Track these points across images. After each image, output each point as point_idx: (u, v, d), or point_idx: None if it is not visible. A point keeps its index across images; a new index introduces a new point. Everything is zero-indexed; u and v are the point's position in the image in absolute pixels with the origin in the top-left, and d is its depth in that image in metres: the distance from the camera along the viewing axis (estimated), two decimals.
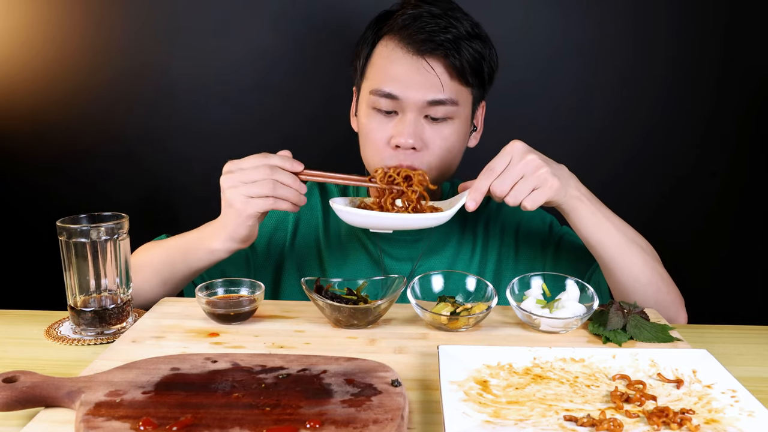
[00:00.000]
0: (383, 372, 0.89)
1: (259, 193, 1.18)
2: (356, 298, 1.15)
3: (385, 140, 1.33)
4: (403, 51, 1.31)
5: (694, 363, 0.95)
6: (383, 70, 1.33)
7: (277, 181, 1.18)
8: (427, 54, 1.30)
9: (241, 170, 1.19)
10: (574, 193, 1.21)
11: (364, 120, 1.37)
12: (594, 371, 0.95)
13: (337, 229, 1.49)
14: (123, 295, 1.15)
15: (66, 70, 1.90)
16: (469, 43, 1.31)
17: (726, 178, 1.96)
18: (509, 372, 0.93)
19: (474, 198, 1.18)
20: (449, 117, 1.33)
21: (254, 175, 1.18)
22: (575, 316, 1.10)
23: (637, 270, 1.25)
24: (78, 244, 1.09)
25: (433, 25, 1.29)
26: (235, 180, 1.19)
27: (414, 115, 1.31)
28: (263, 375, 0.88)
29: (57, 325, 1.17)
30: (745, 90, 1.89)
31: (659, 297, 1.27)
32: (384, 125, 1.33)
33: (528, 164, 1.16)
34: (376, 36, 1.37)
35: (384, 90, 1.31)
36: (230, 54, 1.89)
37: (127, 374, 0.88)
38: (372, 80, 1.35)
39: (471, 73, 1.33)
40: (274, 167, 1.19)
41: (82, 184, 1.96)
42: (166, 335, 1.08)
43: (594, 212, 1.23)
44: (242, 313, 1.12)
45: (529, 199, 1.16)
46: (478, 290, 1.18)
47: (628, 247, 1.25)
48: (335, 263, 1.46)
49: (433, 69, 1.30)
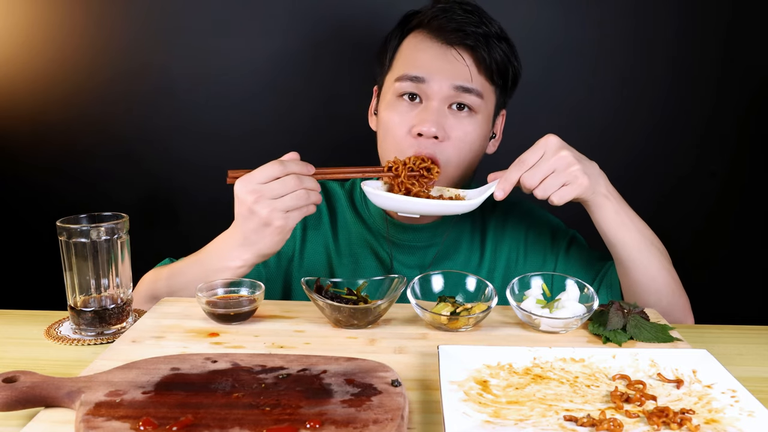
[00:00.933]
0: (383, 372, 0.89)
1: (296, 204, 1.15)
2: (356, 298, 1.15)
3: (407, 130, 1.32)
4: (432, 41, 1.31)
5: (694, 363, 0.95)
6: (411, 57, 1.33)
7: (306, 188, 1.17)
8: (456, 44, 1.30)
9: (267, 187, 1.14)
10: (602, 191, 1.22)
11: (385, 112, 1.36)
12: (594, 371, 0.95)
13: (347, 234, 1.47)
14: (123, 295, 1.15)
15: (66, 70, 1.90)
16: (498, 43, 1.32)
17: (726, 178, 1.96)
18: (509, 372, 0.93)
19: (503, 188, 1.19)
20: (473, 110, 1.33)
21: (284, 189, 1.15)
22: (575, 316, 1.10)
23: (653, 270, 1.25)
24: (78, 244, 1.10)
25: (464, 18, 1.30)
26: (265, 198, 1.14)
27: (438, 104, 1.31)
28: (263, 375, 0.88)
29: (57, 325, 1.17)
30: (745, 90, 1.90)
31: (672, 299, 1.28)
32: (406, 114, 1.33)
33: (560, 160, 1.17)
34: (404, 31, 1.36)
35: (410, 74, 1.31)
36: (230, 54, 1.89)
37: (127, 374, 0.88)
38: (399, 68, 1.35)
39: (497, 72, 1.33)
40: (298, 176, 1.16)
41: (82, 184, 1.96)
42: (166, 335, 1.08)
43: (618, 211, 1.24)
44: (242, 313, 1.12)
45: (557, 194, 1.17)
46: (478, 290, 1.18)
47: (647, 247, 1.26)
48: (345, 270, 1.45)
49: (463, 59, 1.30)
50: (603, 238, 1.27)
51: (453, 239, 1.47)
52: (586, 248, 1.46)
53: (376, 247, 1.46)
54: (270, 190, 1.14)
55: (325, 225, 1.47)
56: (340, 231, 1.48)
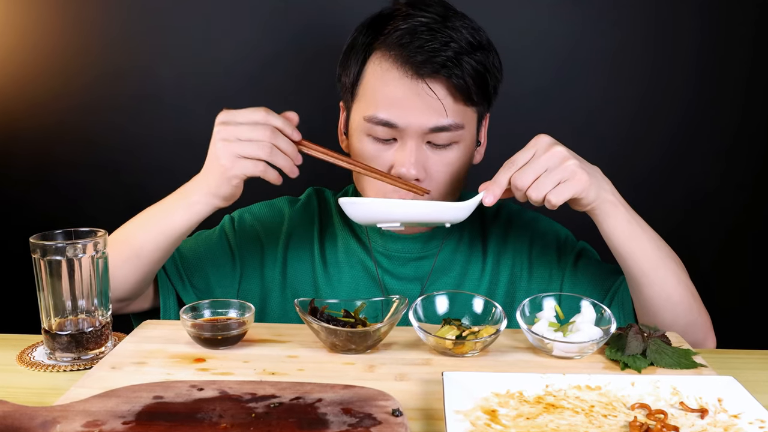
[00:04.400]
0: (383, 401, 0.89)
1: (252, 154, 1.17)
2: (354, 321, 1.15)
3: (385, 170, 1.32)
4: (399, 72, 1.27)
5: (719, 391, 0.95)
6: (378, 93, 1.30)
7: (275, 146, 1.18)
8: (427, 76, 1.26)
9: (238, 124, 1.18)
10: (609, 198, 1.20)
11: (357, 146, 1.35)
12: (611, 400, 0.95)
13: (334, 245, 1.48)
14: (101, 317, 1.15)
15: (40, 74, 1.91)
16: (470, 56, 1.28)
17: (755, 188, 1.96)
18: (519, 401, 0.94)
19: (492, 192, 1.17)
20: (454, 142, 1.32)
21: (252, 133, 1.17)
22: (591, 340, 1.10)
23: (669, 287, 1.24)
24: (53, 262, 1.10)
25: (432, 42, 1.25)
26: (230, 133, 1.18)
27: (415, 143, 1.29)
28: (253, 404, 0.89)
29: (30, 350, 1.17)
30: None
31: (690, 317, 1.26)
32: (382, 153, 1.32)
33: (553, 156, 1.15)
34: (367, 51, 1.32)
35: (381, 118, 1.28)
36: (219, 56, 1.90)
37: (106, 403, 0.88)
38: (366, 104, 1.32)
39: (475, 90, 1.30)
40: (275, 130, 1.18)
41: (58, 197, 1.97)
42: (148, 361, 1.08)
43: (629, 220, 1.22)
44: (231, 336, 1.13)
45: (553, 193, 1.14)
46: (486, 312, 1.19)
47: (663, 261, 1.24)
48: (331, 282, 1.45)
49: (434, 93, 1.26)
50: (613, 252, 1.26)
51: (449, 251, 1.46)
52: (598, 261, 1.45)
53: (364, 258, 1.46)
54: (238, 129, 1.18)
55: (311, 232, 1.49)
56: (327, 241, 1.48)
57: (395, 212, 1.21)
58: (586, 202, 1.19)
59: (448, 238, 1.46)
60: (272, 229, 1.49)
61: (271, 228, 1.49)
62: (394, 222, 1.22)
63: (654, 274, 1.24)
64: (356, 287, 1.44)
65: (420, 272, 1.45)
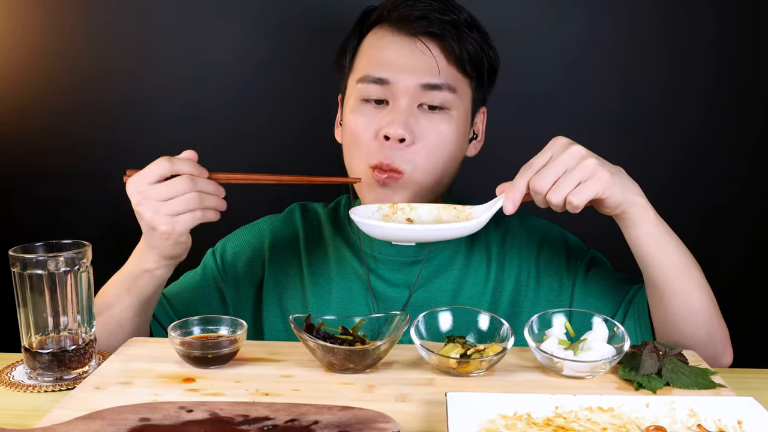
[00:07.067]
0: (383, 423, 0.90)
1: (184, 208, 1.19)
2: (352, 338, 1.15)
3: (373, 134, 1.35)
4: (394, 34, 1.35)
5: (739, 412, 0.96)
6: (373, 55, 1.37)
7: (201, 191, 1.20)
8: (421, 34, 1.34)
9: (152, 186, 1.19)
10: (638, 200, 1.19)
11: (350, 116, 1.39)
12: (625, 422, 0.95)
13: (324, 254, 1.49)
14: (85, 334, 1.15)
15: (18, 78, 1.91)
16: (469, 32, 1.35)
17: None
18: (527, 423, 0.94)
19: (512, 198, 1.16)
20: (446, 107, 1.35)
21: (172, 190, 1.19)
22: (603, 359, 1.10)
23: (694, 298, 1.24)
24: (33, 276, 1.10)
25: (428, 5, 1.34)
26: (151, 198, 1.19)
27: (407, 103, 1.34)
28: (245, 426, 0.89)
29: (9, 369, 1.18)
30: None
31: (711, 330, 1.26)
32: (372, 118, 1.36)
33: (571, 156, 1.14)
34: (364, 28, 1.40)
35: (373, 75, 1.34)
36: (208, 59, 1.91)
37: (90, 425, 0.89)
38: (360, 69, 1.38)
39: (468, 60, 1.36)
40: (194, 178, 1.20)
41: (39, 208, 1.97)
42: (134, 381, 1.08)
43: (657, 224, 1.21)
44: (222, 355, 1.13)
45: (574, 193, 1.13)
46: (492, 329, 1.19)
47: (688, 269, 1.23)
48: (320, 294, 1.46)
49: (429, 49, 1.33)
50: (638, 259, 1.25)
51: (448, 255, 1.46)
52: (610, 270, 1.45)
53: (356, 266, 1.47)
54: (155, 191, 1.19)
55: (297, 240, 1.51)
56: (315, 251, 1.50)
57: (412, 236, 1.21)
58: (612, 203, 1.16)
59: (445, 242, 1.46)
60: (256, 249, 1.52)
61: (255, 249, 1.52)
62: (410, 243, 1.23)
63: (679, 283, 1.23)
64: (349, 296, 1.45)
65: (411, 277, 1.45)
